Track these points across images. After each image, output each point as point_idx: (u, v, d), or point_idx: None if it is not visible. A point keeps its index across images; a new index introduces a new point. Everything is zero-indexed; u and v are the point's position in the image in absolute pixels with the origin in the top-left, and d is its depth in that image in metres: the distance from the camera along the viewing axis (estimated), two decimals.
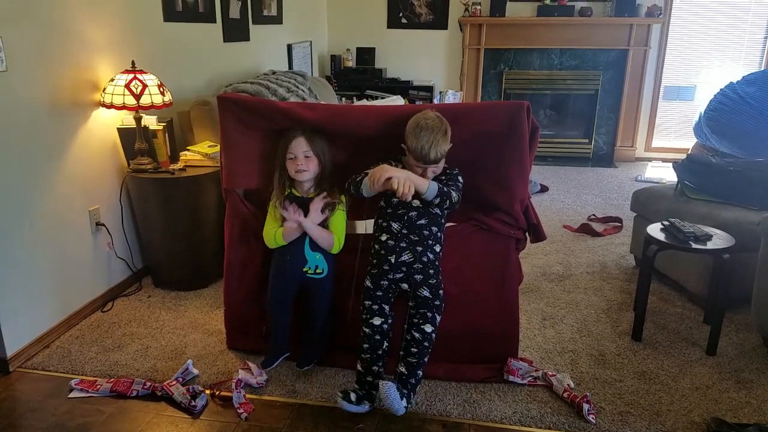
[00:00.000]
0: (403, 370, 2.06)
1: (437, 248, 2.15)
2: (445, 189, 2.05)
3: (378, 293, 2.12)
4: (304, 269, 2.24)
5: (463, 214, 2.26)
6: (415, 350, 2.06)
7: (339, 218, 2.25)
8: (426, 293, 2.10)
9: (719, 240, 2.43)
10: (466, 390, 2.20)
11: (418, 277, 2.10)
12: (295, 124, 2.22)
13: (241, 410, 2.07)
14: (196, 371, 2.31)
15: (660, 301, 2.90)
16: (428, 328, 2.08)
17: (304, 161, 2.19)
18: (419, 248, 2.10)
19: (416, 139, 1.99)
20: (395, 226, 2.11)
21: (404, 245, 2.10)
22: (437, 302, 2.11)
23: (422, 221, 2.10)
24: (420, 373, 2.07)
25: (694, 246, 2.39)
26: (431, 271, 2.12)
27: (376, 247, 2.14)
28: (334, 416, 2.06)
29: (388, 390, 1.95)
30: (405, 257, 2.10)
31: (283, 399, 2.16)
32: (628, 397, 2.16)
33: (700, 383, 2.25)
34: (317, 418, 2.05)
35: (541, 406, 2.11)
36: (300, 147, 2.19)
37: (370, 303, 2.12)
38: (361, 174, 2.13)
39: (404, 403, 1.98)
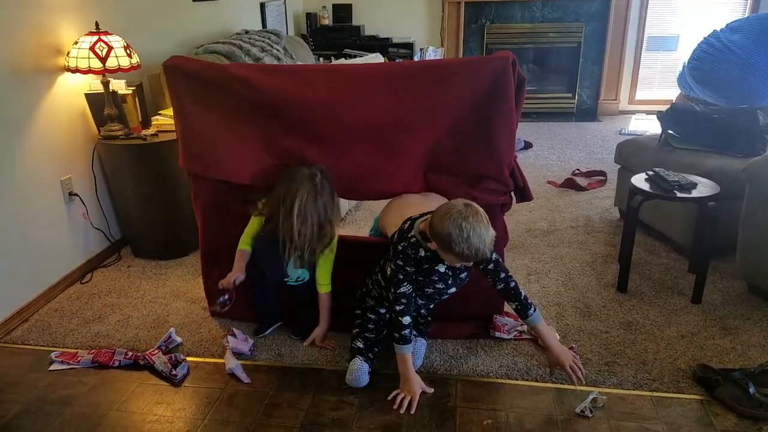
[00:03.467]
0: None
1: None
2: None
3: None
4: (285, 280, 2.21)
5: (450, 193, 2.13)
6: None
7: (324, 262, 2.18)
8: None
9: (704, 188, 2.41)
10: (453, 347, 2.20)
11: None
12: (253, 94, 2.06)
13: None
14: (179, 339, 2.27)
15: (645, 253, 2.90)
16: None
17: None
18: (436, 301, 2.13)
19: (467, 245, 1.71)
20: (420, 302, 2.07)
21: (422, 303, 2.10)
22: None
23: (446, 295, 2.05)
24: None
25: (679, 195, 2.38)
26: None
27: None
28: (320, 378, 2.05)
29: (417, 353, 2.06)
30: (423, 311, 2.17)
31: (270, 363, 2.14)
32: (614, 348, 2.17)
33: (686, 331, 2.26)
34: (304, 381, 2.04)
35: (527, 359, 2.12)
36: None
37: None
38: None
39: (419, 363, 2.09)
